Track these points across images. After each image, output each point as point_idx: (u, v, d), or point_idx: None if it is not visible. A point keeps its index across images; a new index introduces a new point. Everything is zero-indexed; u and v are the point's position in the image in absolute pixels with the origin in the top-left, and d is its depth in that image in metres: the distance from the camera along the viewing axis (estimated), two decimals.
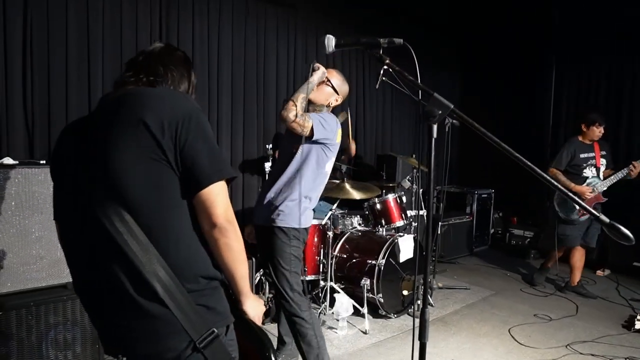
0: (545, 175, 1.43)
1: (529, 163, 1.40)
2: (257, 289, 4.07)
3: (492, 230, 7.00)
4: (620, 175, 4.51)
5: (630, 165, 4.42)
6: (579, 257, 4.74)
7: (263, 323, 3.66)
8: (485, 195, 6.74)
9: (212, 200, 1.32)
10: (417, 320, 2.98)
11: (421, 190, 4.67)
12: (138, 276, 1.26)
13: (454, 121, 3.97)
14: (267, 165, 3.88)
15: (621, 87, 6.20)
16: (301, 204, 2.57)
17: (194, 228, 1.36)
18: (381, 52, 1.58)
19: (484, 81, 7.52)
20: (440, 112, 1.48)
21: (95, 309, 1.41)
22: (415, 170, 4.63)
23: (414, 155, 5.22)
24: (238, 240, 1.37)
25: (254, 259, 3.43)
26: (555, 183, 1.48)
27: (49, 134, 3.59)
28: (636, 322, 3.96)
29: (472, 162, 7.34)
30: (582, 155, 4.64)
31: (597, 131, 4.62)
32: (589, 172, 4.64)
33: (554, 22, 6.61)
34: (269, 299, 3.86)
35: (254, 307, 1.52)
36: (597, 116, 4.65)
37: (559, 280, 5.08)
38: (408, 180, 4.54)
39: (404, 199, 4.31)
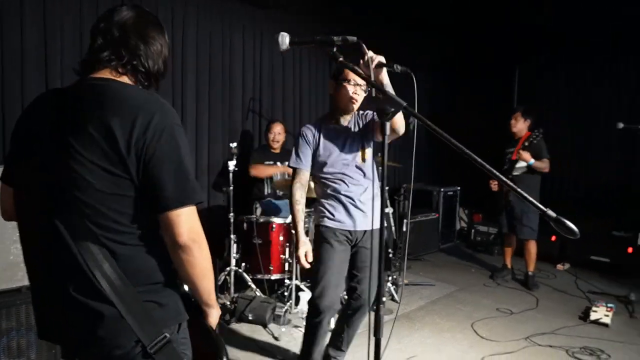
0: (494, 172, 1.45)
1: (481, 160, 1.42)
2: (222, 289, 4.04)
3: (458, 227, 7.14)
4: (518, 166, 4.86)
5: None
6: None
7: (228, 323, 3.66)
8: (451, 193, 6.86)
9: (175, 222, 1.26)
10: (386, 317, 3.02)
11: (387, 188, 4.71)
12: (84, 274, 1.24)
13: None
14: (232, 164, 3.84)
15: (579, 89, 6.48)
16: None
17: (152, 229, 1.32)
18: (335, 49, 1.58)
19: (457, 81, 7.72)
20: (393, 109, 1.50)
21: (46, 311, 1.37)
22: (380, 169, 4.66)
23: (379, 154, 5.26)
24: (203, 257, 1.32)
25: (217, 260, 3.39)
26: (507, 181, 1.50)
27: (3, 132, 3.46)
28: (591, 314, 4.09)
29: (439, 160, 7.45)
30: (506, 150, 4.99)
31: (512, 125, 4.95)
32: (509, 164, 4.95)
33: (521, 26, 6.78)
34: (234, 299, 3.84)
35: (216, 317, 1.52)
36: (515, 110, 5.03)
37: (519, 275, 5.21)
38: None
39: None
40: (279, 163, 4.68)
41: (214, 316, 1.50)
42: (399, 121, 2.41)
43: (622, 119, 5.00)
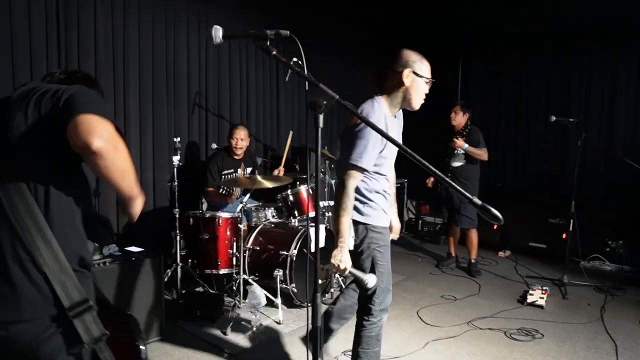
0: (425, 162, 1.51)
1: (416, 155, 1.48)
2: (170, 286, 3.98)
3: (406, 218, 7.31)
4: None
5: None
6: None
7: (176, 320, 3.62)
8: (399, 185, 7.01)
9: (85, 127, 1.27)
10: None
11: (333, 181, 4.77)
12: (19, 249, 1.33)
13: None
14: (176, 159, 3.78)
15: (519, 84, 6.80)
16: None
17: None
18: (268, 43, 1.60)
19: None
20: (325, 102, 1.53)
21: None
22: (328, 162, 4.72)
23: (326, 147, 5.32)
24: (118, 159, 1.33)
25: (162, 255, 3.34)
26: (437, 171, 1.56)
27: None
28: (528, 297, 4.32)
29: None
30: (448, 143, 5.21)
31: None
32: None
33: (463, 22, 7.00)
34: (182, 295, 3.80)
35: (140, 205, 1.56)
36: (455, 104, 5.26)
37: (463, 262, 5.41)
38: (320, 171, 4.61)
39: None
40: (239, 170, 4.64)
41: (138, 205, 1.55)
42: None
43: (555, 112, 5.29)
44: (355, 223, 2.45)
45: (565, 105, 6.45)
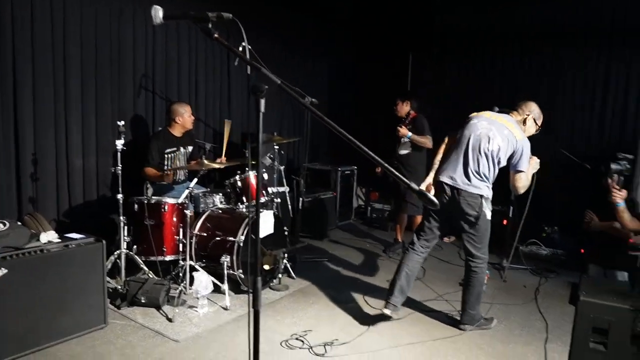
0: (369, 152, 1.54)
1: (358, 143, 1.50)
2: (114, 273, 3.89)
3: (355, 205, 7.42)
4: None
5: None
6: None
7: (120, 307, 3.54)
8: (349, 172, 7.10)
9: None
10: (279, 294, 3.08)
11: (282, 167, 4.78)
12: None
13: (313, 100, 4.10)
14: (119, 143, 3.66)
15: (465, 77, 7.01)
16: None
17: None
18: (210, 25, 1.58)
19: (355, 68, 7.95)
20: (267, 87, 1.53)
21: None
22: (277, 148, 4.71)
23: (275, 133, 5.30)
24: None
25: (104, 242, 3.24)
26: (379, 159, 1.59)
27: None
28: None
29: (336, 140, 7.62)
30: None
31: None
32: None
33: (413, 17, 7.12)
34: (125, 283, 3.71)
35: None
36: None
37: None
38: (269, 157, 4.60)
39: (265, 176, 4.37)
40: (181, 148, 4.55)
41: None
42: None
43: (500, 105, 5.49)
44: None
45: (512, 99, 6.67)
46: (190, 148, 4.66)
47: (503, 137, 3.40)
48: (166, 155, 4.43)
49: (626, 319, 3.35)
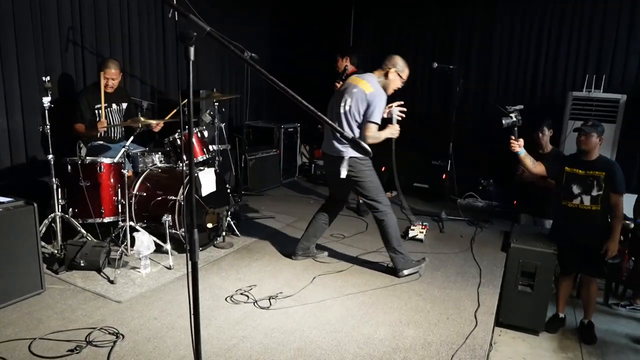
0: (305, 104, 1.53)
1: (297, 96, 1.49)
2: (50, 237, 3.74)
3: (299, 162, 7.44)
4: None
5: None
6: None
7: (58, 272, 3.43)
8: (292, 129, 7.08)
9: None
10: (223, 251, 3.07)
11: (223, 124, 4.69)
12: None
13: (253, 55, 4.00)
14: (46, 100, 3.45)
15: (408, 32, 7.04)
16: None
17: None
18: None
19: (296, 24, 7.79)
20: (195, 34, 1.48)
21: None
22: (217, 105, 4.59)
23: (215, 90, 5.16)
24: None
25: (35, 205, 3.10)
26: (317, 112, 1.59)
27: None
28: (410, 232, 4.67)
29: (279, 96, 7.55)
30: None
31: None
32: None
33: None
34: (63, 247, 3.59)
35: None
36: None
37: (353, 203, 5.67)
38: (209, 114, 4.49)
39: (206, 133, 4.28)
40: (114, 105, 4.34)
41: None
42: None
43: (439, 61, 5.60)
44: None
45: (449, 55, 6.82)
46: (124, 105, 4.47)
47: (352, 96, 3.56)
48: (97, 112, 4.23)
49: (550, 261, 3.63)
